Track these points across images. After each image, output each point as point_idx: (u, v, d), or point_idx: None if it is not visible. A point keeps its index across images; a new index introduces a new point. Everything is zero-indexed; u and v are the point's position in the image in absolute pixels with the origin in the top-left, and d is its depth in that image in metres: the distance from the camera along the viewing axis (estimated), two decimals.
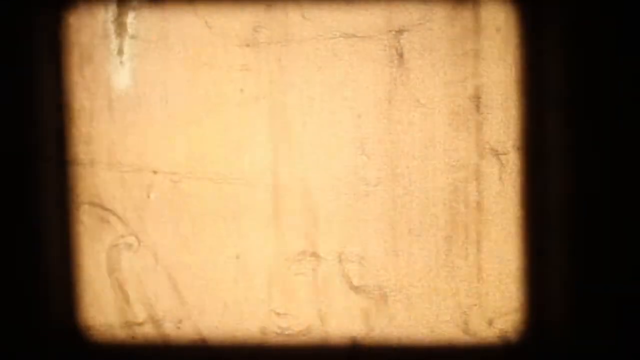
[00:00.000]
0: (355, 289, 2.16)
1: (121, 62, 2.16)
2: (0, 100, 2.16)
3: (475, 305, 2.14)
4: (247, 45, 2.14)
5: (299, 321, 2.18)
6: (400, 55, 2.12)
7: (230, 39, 2.14)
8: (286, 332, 2.18)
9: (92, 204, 2.19)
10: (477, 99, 2.11)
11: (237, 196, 2.16)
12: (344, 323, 2.17)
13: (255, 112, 2.15)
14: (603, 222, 2.08)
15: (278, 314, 2.18)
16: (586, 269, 2.10)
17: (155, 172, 2.17)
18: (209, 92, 2.15)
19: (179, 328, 2.20)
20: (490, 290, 2.14)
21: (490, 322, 2.14)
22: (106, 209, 2.19)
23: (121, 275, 2.20)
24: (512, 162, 2.11)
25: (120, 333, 2.21)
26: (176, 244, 2.18)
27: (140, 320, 2.20)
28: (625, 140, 2.07)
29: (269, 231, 2.16)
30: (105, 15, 2.16)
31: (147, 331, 2.20)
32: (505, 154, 2.11)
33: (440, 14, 2.10)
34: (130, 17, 2.16)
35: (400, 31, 2.11)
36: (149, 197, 2.17)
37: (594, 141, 2.08)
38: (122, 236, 2.19)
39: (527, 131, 2.10)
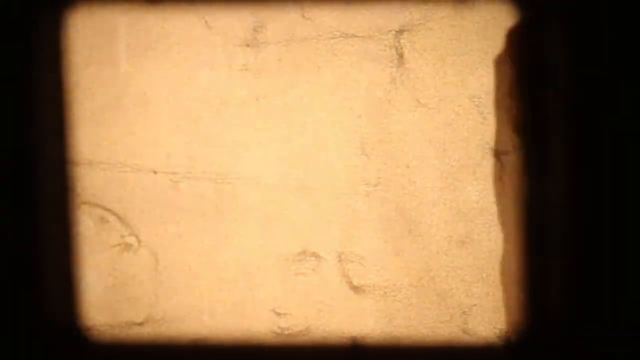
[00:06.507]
0: (355, 289, 2.16)
1: (122, 63, 2.16)
2: (0, 100, 2.16)
3: (475, 305, 2.14)
4: (247, 45, 2.14)
5: (299, 321, 2.18)
6: (400, 55, 2.12)
7: (230, 39, 2.14)
8: (286, 332, 2.18)
9: (92, 204, 2.19)
10: (477, 99, 2.11)
11: (237, 196, 2.16)
12: (344, 323, 2.17)
13: (255, 112, 2.15)
14: (603, 222, 2.08)
15: (278, 314, 2.18)
16: (586, 268, 2.10)
17: (155, 172, 2.17)
18: (208, 92, 2.15)
19: (179, 328, 2.20)
20: (490, 290, 2.14)
21: (490, 322, 2.14)
22: (106, 209, 2.19)
23: (121, 275, 2.20)
24: (512, 162, 2.11)
25: (120, 333, 2.21)
26: (176, 244, 2.18)
27: (140, 320, 2.20)
28: (627, 140, 2.07)
29: (269, 231, 2.16)
30: (106, 15, 2.16)
31: (147, 331, 2.20)
32: (505, 154, 2.11)
33: (440, 14, 2.10)
34: (131, 17, 2.16)
35: (400, 31, 2.11)
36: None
37: (595, 141, 2.08)
38: (122, 236, 2.19)
39: (527, 131, 2.10)
